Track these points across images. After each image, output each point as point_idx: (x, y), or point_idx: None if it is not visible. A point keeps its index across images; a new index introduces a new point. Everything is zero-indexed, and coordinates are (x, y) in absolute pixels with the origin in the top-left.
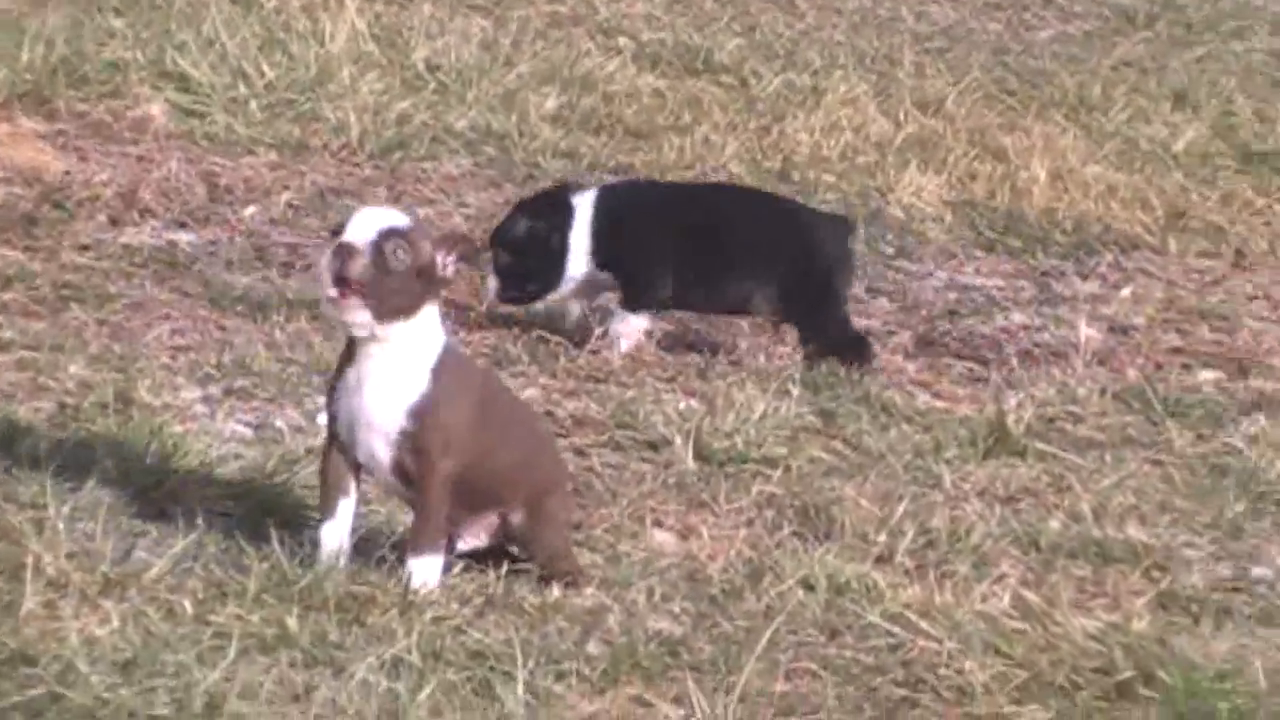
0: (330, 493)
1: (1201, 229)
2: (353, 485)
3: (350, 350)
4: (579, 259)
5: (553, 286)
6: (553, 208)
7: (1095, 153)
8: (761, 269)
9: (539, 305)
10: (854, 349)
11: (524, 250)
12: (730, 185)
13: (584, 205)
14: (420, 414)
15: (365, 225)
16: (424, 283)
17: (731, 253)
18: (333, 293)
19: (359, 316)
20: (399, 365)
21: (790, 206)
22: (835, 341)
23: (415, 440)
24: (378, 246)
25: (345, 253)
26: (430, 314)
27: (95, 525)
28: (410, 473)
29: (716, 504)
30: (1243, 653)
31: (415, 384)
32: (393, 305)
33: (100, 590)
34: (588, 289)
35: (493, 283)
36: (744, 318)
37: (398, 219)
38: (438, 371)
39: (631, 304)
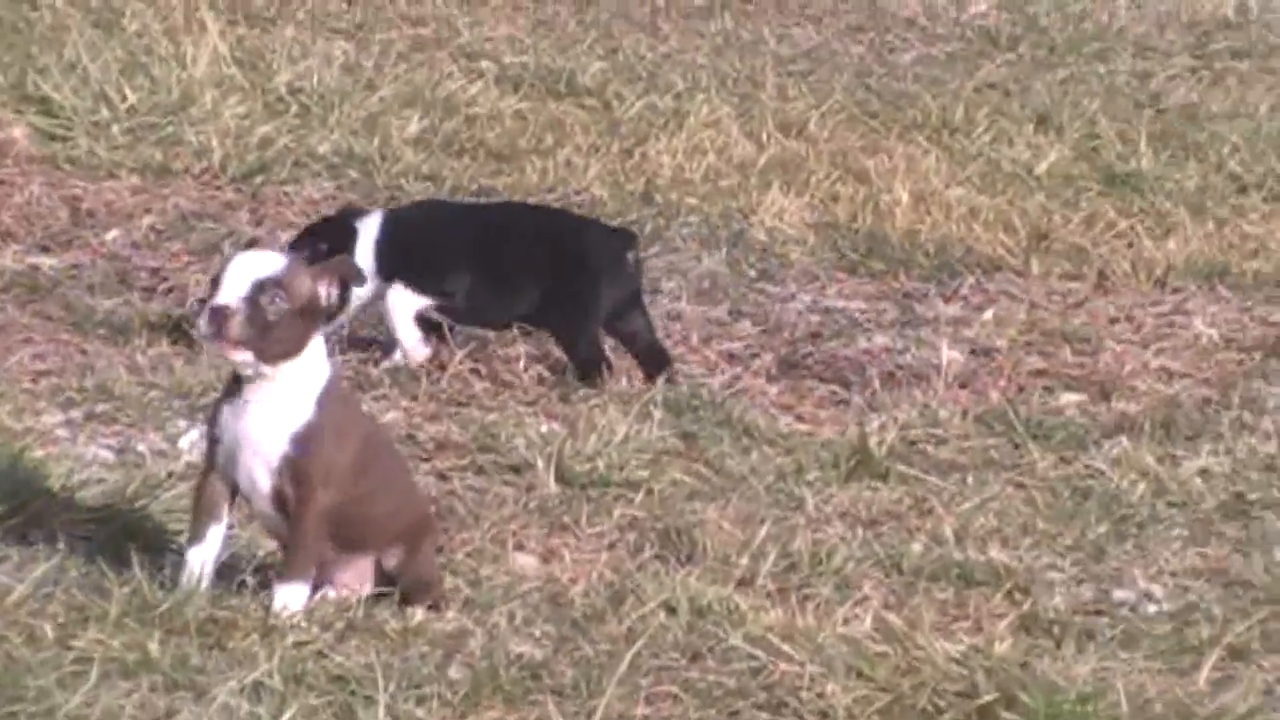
0: (202, 517)
1: (1064, 251)
2: (225, 511)
3: (236, 376)
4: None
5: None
6: (337, 230)
7: (958, 174)
8: (530, 280)
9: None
10: (586, 369)
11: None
12: (514, 203)
13: (367, 227)
14: (304, 441)
15: (238, 281)
16: (306, 320)
17: (506, 266)
18: (215, 346)
19: (243, 359)
20: (285, 393)
21: (563, 220)
22: (575, 356)
23: (297, 468)
24: (252, 302)
25: (220, 317)
26: (316, 345)
27: None
28: (288, 502)
29: (578, 527)
30: (1105, 675)
31: (300, 412)
32: (276, 351)
33: None
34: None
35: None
36: (525, 328)
37: (270, 265)
38: (323, 401)
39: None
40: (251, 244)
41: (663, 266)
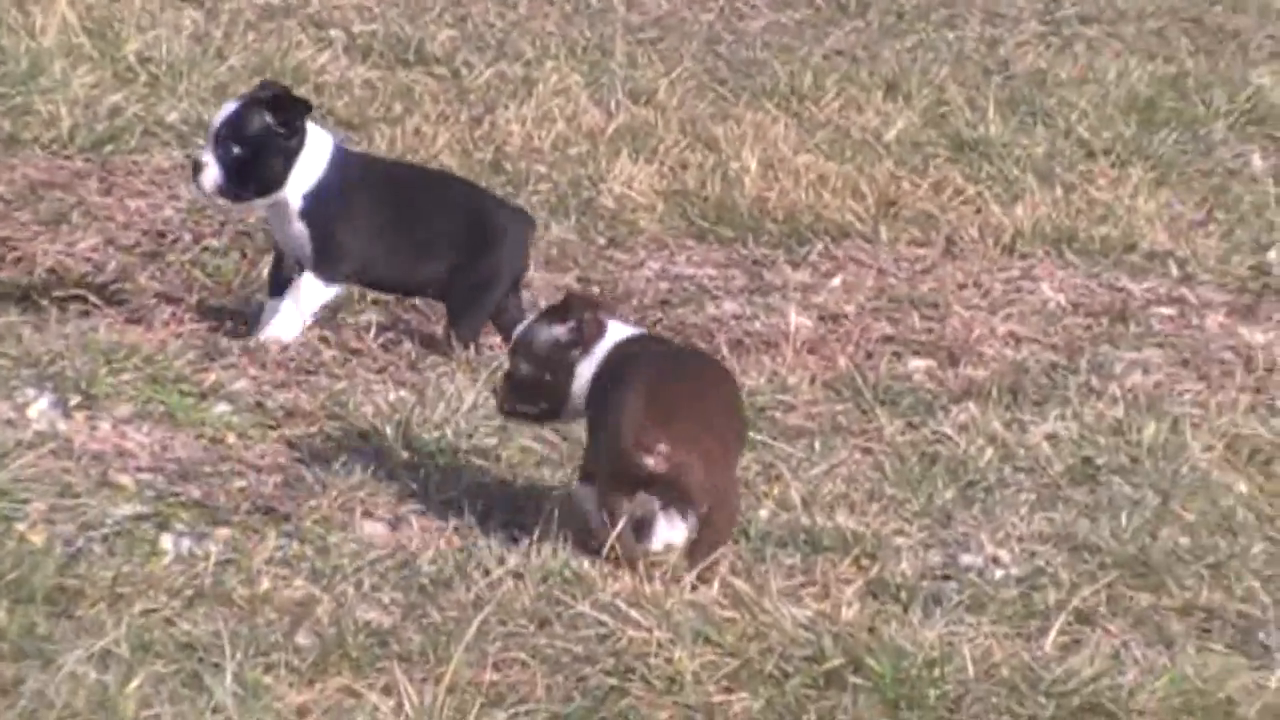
0: None
1: (912, 218)
2: None
3: None
4: (305, 170)
5: (271, 190)
6: (293, 110)
7: (806, 142)
8: (440, 252)
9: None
10: (465, 345)
11: (256, 144)
12: (431, 170)
13: (319, 134)
14: None
15: None
16: None
17: (418, 233)
18: None
19: None
20: None
21: (477, 195)
22: (461, 332)
23: None
24: None
25: None
26: None
27: None
28: None
29: (427, 495)
30: (952, 640)
31: None
32: None
33: None
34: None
35: (213, 174)
36: (423, 297)
37: None
38: None
39: (320, 271)
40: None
41: None
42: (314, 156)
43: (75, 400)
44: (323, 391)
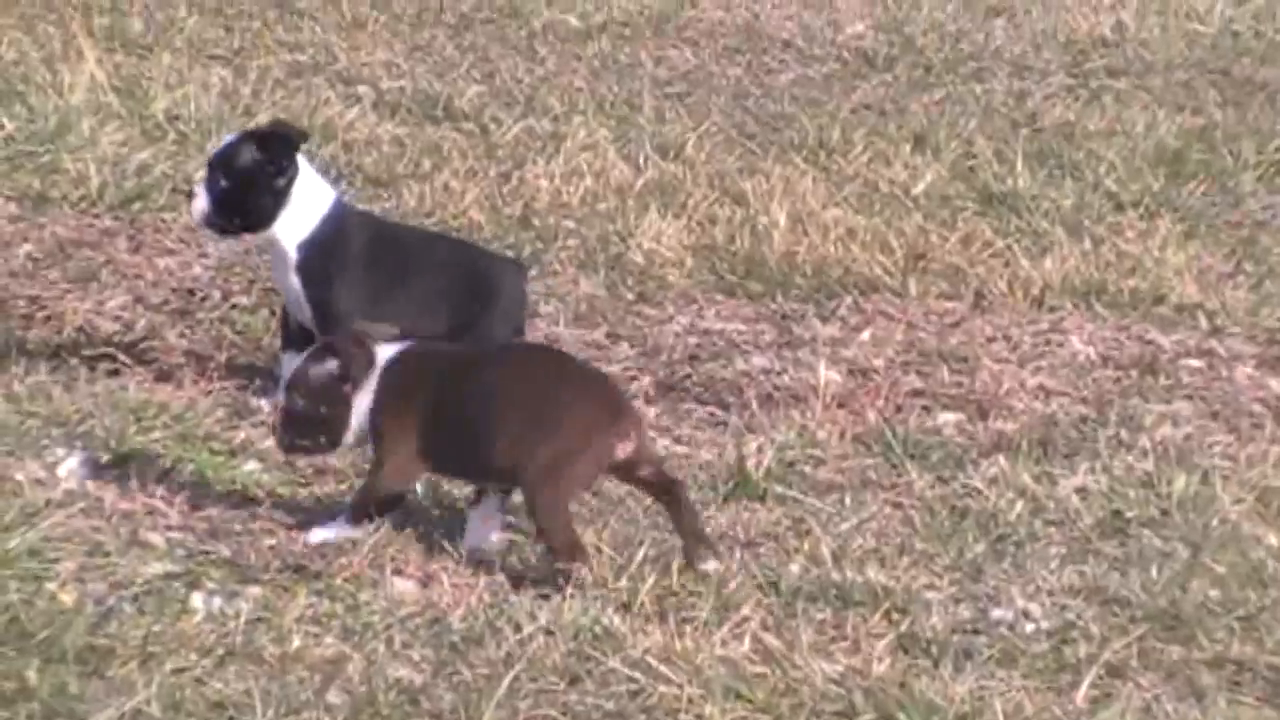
0: None
1: (941, 271)
2: None
3: None
4: (302, 219)
5: (256, 227)
6: (282, 148)
7: (835, 196)
8: (438, 309)
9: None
10: None
11: (243, 178)
12: (427, 230)
13: (309, 174)
14: None
15: None
16: None
17: (415, 293)
18: None
19: None
20: None
21: (465, 250)
22: None
23: None
24: None
25: None
26: None
27: None
28: None
29: (457, 552)
30: (983, 694)
31: None
32: None
33: None
34: (279, 265)
35: (201, 203)
36: None
37: None
38: None
39: (320, 330)
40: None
41: (541, 290)
42: (312, 206)
43: (105, 459)
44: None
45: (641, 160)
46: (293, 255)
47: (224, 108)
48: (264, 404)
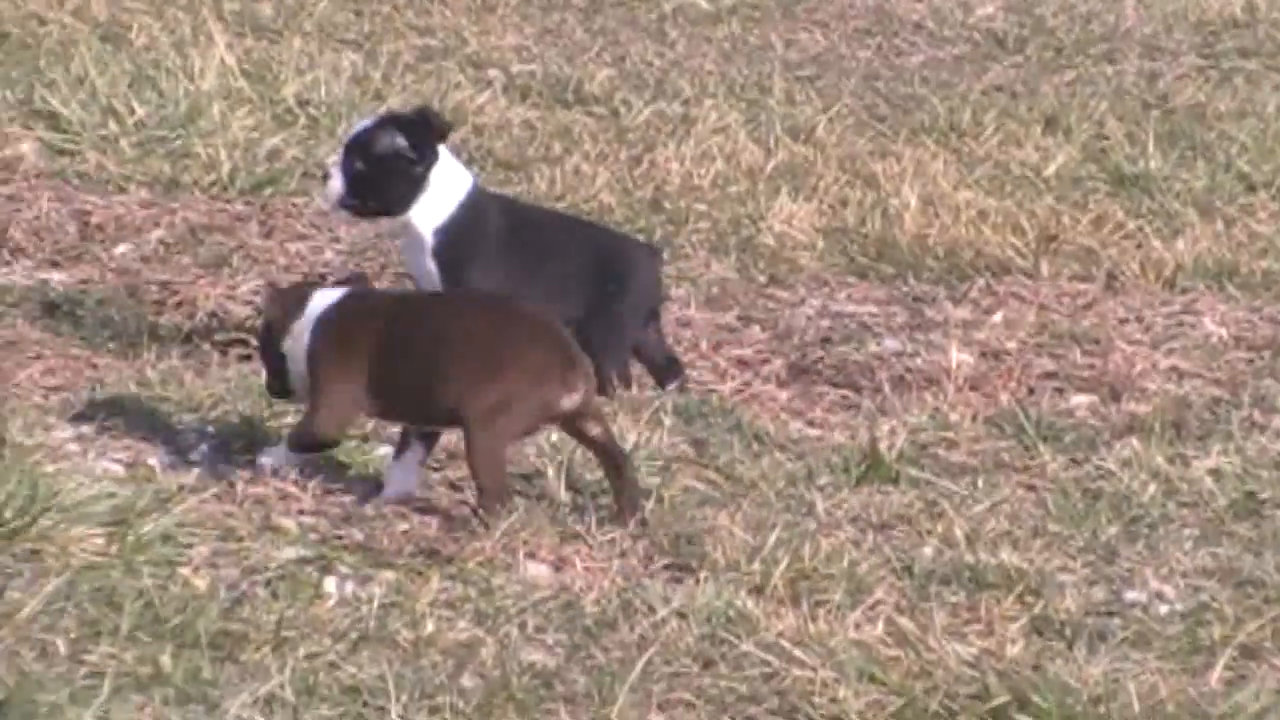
0: None
1: (1073, 253)
2: None
3: None
4: (439, 204)
5: (391, 212)
6: (424, 135)
7: (966, 177)
8: (573, 292)
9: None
10: (611, 382)
11: (381, 163)
12: (549, 209)
13: (447, 159)
14: None
15: None
16: None
17: (551, 276)
18: None
19: None
20: None
21: (602, 235)
22: (605, 369)
23: None
24: None
25: None
26: None
27: None
28: None
29: (590, 535)
30: (1117, 676)
31: None
32: None
33: None
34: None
35: (336, 186)
36: None
37: None
38: None
39: None
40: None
41: (672, 273)
42: (450, 192)
43: (237, 444)
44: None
45: (772, 143)
46: (429, 240)
47: (354, 92)
48: None
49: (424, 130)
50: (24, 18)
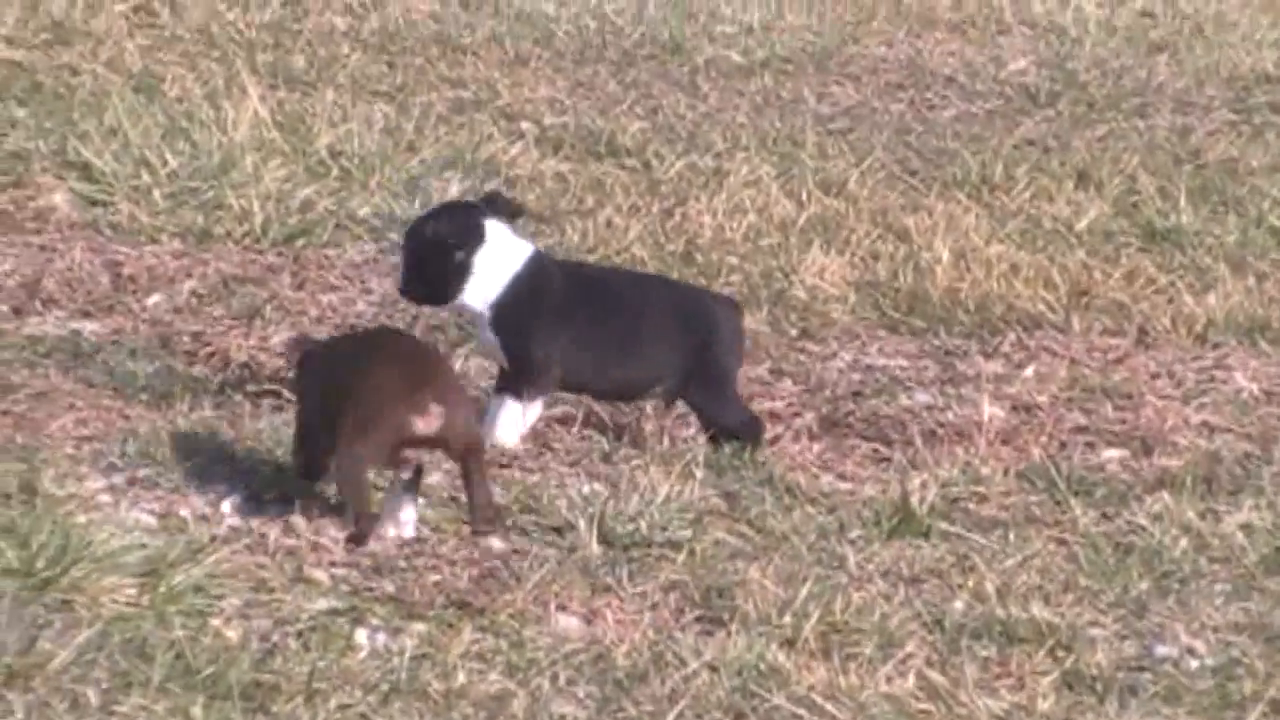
0: None
1: (1105, 307)
2: None
3: None
4: (491, 280)
5: (443, 300)
6: (462, 222)
7: (998, 231)
8: (663, 352)
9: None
10: (748, 430)
11: (425, 254)
12: (628, 270)
13: (499, 236)
14: None
15: None
16: None
17: (630, 338)
18: None
19: None
20: None
21: (688, 290)
22: (729, 424)
23: None
24: None
25: None
26: None
27: None
28: None
29: (621, 588)
30: None
31: None
32: None
33: (4, 681)
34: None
35: (397, 277)
36: (641, 401)
37: None
38: None
39: (519, 388)
40: None
41: None
42: (503, 265)
43: (269, 495)
44: (516, 485)
45: (804, 196)
46: (487, 315)
47: (387, 144)
48: None
49: (462, 217)
50: (57, 68)
